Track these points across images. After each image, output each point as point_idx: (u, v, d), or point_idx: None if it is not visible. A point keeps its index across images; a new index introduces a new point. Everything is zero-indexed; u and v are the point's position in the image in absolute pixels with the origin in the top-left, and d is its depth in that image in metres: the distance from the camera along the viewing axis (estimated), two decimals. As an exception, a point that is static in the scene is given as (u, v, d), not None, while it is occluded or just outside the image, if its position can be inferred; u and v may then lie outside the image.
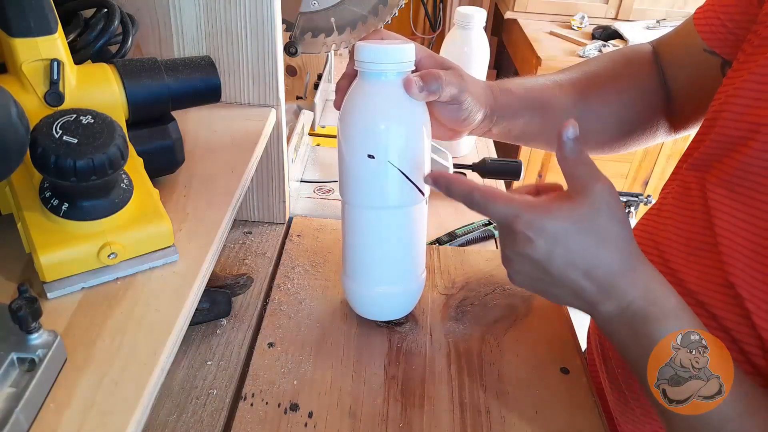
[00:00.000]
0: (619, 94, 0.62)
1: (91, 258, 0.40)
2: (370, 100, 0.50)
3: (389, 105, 0.50)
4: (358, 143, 0.51)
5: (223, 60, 0.63)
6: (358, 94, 0.51)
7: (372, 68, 0.49)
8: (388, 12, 0.78)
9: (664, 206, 0.55)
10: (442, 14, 1.98)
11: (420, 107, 0.51)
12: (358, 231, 0.56)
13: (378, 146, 0.50)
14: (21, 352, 0.33)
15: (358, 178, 0.52)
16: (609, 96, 0.62)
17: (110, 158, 0.38)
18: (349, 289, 0.60)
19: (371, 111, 0.50)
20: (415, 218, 0.55)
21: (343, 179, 0.54)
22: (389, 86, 0.50)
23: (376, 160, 0.50)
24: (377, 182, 0.52)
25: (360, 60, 0.49)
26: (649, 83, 0.62)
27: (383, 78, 0.50)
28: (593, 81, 0.62)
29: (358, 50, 0.50)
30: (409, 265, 0.58)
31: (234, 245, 0.72)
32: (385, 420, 0.51)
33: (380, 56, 0.48)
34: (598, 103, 0.61)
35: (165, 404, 0.52)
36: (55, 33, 0.41)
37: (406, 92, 0.50)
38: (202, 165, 0.55)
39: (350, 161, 0.52)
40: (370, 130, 0.50)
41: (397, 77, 0.50)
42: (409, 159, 0.51)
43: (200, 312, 0.60)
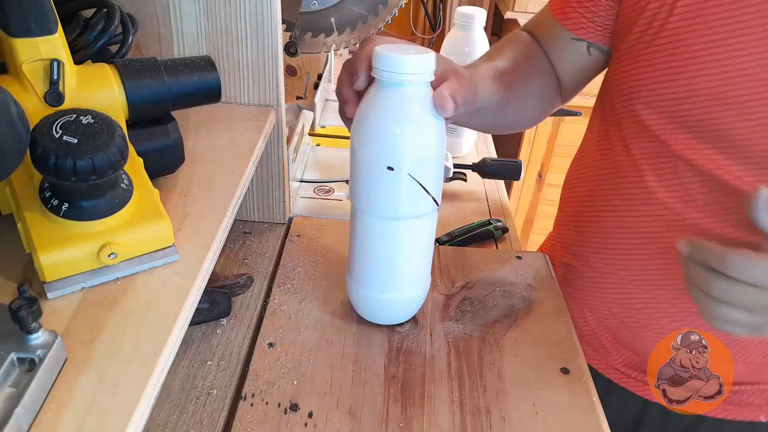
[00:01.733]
0: (538, 75, 0.69)
1: (91, 258, 0.40)
2: (392, 111, 0.48)
3: (414, 116, 0.48)
4: (378, 154, 0.49)
5: (223, 60, 0.63)
6: (379, 104, 0.49)
7: (396, 78, 0.47)
8: (388, 12, 0.78)
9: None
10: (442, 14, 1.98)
11: (440, 118, 0.50)
12: (368, 239, 0.55)
13: (399, 159, 0.49)
14: (21, 352, 0.33)
15: (375, 188, 0.51)
16: (532, 78, 0.68)
17: (110, 158, 0.38)
18: (354, 293, 0.60)
19: (393, 122, 0.48)
20: (426, 227, 0.55)
21: (358, 188, 0.53)
22: (412, 97, 0.48)
23: (395, 172, 0.49)
24: (394, 194, 0.51)
25: (385, 69, 0.47)
26: (546, 63, 0.69)
27: (406, 88, 0.48)
28: (516, 69, 0.67)
29: (384, 59, 0.47)
30: (417, 272, 0.58)
31: (234, 245, 0.72)
32: (385, 420, 0.51)
33: (407, 66, 0.46)
34: (528, 85, 0.68)
35: (165, 404, 0.52)
36: (55, 33, 0.41)
37: (438, 111, 0.48)
38: (202, 165, 0.55)
39: (367, 171, 0.51)
40: (391, 141, 0.49)
41: (420, 87, 0.48)
42: (429, 171, 0.50)
43: (200, 312, 0.60)
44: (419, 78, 0.47)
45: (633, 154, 0.61)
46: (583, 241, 0.69)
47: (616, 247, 0.65)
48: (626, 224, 0.63)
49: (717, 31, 0.50)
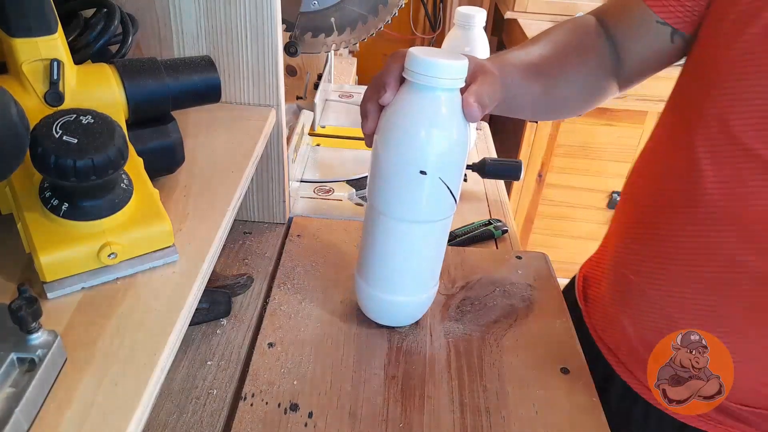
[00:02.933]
0: (585, 63, 0.66)
1: (91, 258, 0.40)
2: (425, 115, 0.48)
3: (446, 121, 0.48)
4: (406, 157, 0.49)
5: (223, 60, 0.63)
6: (410, 107, 0.48)
7: (432, 82, 0.46)
8: (388, 12, 0.78)
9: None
10: (442, 14, 1.98)
11: (467, 123, 0.49)
12: (386, 241, 0.55)
13: (427, 162, 0.48)
14: (21, 353, 0.33)
15: (399, 191, 0.51)
16: (577, 65, 0.65)
17: (110, 158, 0.38)
18: (365, 294, 0.60)
19: (425, 126, 0.48)
20: (443, 231, 0.55)
21: (380, 191, 0.52)
22: (445, 102, 0.48)
23: (425, 176, 0.49)
24: (423, 197, 0.50)
25: (421, 72, 0.46)
26: (602, 50, 0.66)
27: (439, 93, 0.47)
28: (563, 53, 0.65)
29: (421, 63, 0.46)
30: (430, 275, 0.58)
31: (234, 245, 0.72)
32: (385, 420, 0.51)
33: (444, 71, 0.46)
34: (571, 72, 0.65)
35: (165, 404, 0.52)
36: (55, 33, 0.41)
37: (468, 119, 0.48)
38: (203, 165, 0.55)
39: (392, 174, 0.50)
40: (420, 145, 0.48)
41: (453, 92, 0.48)
42: (455, 175, 0.50)
43: (200, 312, 0.60)
44: (453, 83, 0.47)
45: (714, 159, 0.53)
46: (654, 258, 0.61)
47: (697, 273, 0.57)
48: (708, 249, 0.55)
49: None
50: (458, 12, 0.91)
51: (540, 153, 1.74)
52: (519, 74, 0.59)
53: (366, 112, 0.51)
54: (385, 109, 0.50)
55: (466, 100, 0.48)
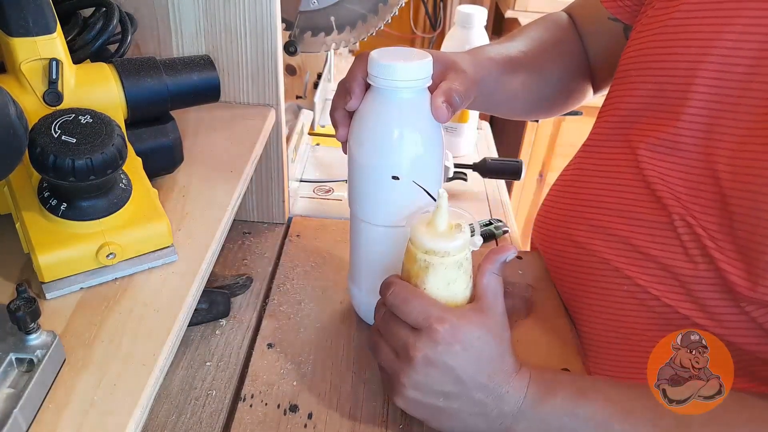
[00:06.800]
0: (562, 60, 0.66)
1: (90, 258, 0.40)
2: (390, 119, 0.47)
3: (412, 123, 0.47)
4: (379, 163, 0.48)
5: (222, 59, 0.63)
6: (376, 111, 0.48)
7: (392, 85, 0.45)
8: (389, 11, 0.78)
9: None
10: (443, 13, 1.97)
11: (439, 124, 0.49)
12: (369, 246, 0.54)
13: (404, 167, 0.48)
14: (20, 353, 0.33)
15: (379, 198, 0.50)
16: (555, 62, 0.65)
17: (109, 158, 0.38)
18: (356, 298, 0.59)
19: (390, 129, 0.47)
20: None
21: (359, 198, 0.52)
22: (410, 103, 0.47)
23: (401, 181, 0.48)
24: (398, 202, 0.49)
25: (380, 77, 0.45)
26: (577, 48, 0.66)
27: (402, 95, 0.46)
28: (541, 48, 0.65)
29: (380, 67, 0.45)
30: None
31: (233, 245, 0.72)
32: (385, 421, 0.51)
33: (403, 73, 0.45)
34: (549, 70, 0.65)
35: (164, 405, 0.52)
36: (53, 32, 0.41)
37: (436, 120, 0.47)
38: (201, 165, 0.55)
39: (369, 181, 0.50)
40: (394, 150, 0.47)
41: (417, 92, 0.47)
42: (432, 176, 0.50)
43: (199, 312, 0.59)
44: (416, 84, 0.46)
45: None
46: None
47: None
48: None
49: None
50: (459, 11, 0.91)
51: (541, 153, 1.73)
52: (497, 69, 0.59)
53: (335, 121, 0.51)
54: (354, 114, 0.49)
55: (434, 101, 0.46)
